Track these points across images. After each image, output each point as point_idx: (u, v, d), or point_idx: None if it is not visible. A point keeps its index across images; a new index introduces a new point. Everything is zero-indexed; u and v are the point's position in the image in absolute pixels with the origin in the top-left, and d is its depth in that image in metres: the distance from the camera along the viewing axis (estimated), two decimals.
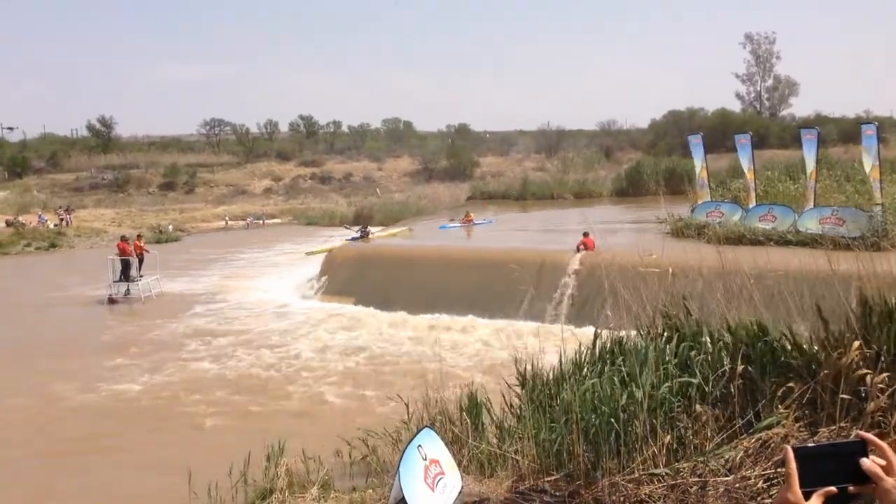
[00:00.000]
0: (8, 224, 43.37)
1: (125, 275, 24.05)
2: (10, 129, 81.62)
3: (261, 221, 51.38)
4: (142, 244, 26.02)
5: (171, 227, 46.14)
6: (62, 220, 45.21)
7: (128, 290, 23.83)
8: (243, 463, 7.97)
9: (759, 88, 72.77)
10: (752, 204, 20.53)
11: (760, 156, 26.95)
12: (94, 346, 17.59)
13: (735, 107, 71.01)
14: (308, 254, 25.59)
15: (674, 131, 61.73)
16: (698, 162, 23.18)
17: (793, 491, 1.47)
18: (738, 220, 19.72)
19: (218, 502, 8.30)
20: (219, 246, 37.39)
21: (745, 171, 21.37)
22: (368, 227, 27.32)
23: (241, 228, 49.30)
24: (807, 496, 1.47)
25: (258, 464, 7.77)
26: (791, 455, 1.50)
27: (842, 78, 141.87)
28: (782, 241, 17.56)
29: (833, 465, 1.49)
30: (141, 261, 25.03)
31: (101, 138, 79.16)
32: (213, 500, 8.36)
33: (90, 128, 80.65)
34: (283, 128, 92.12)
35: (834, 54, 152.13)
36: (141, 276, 24.54)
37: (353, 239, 25.52)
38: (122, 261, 24.11)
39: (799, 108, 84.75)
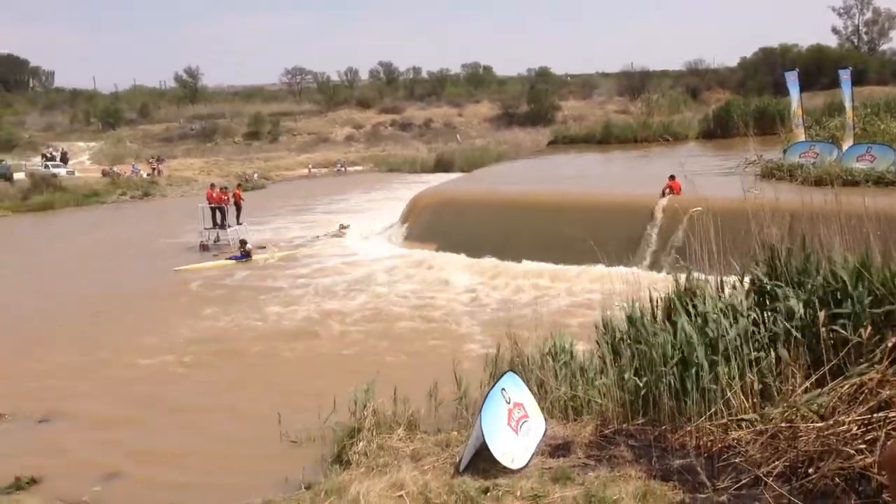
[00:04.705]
0: (104, 174, 45.13)
1: (216, 222, 24.78)
2: None
3: (343, 169, 52.02)
4: (240, 192, 26.78)
5: (255, 175, 47.12)
6: (154, 169, 46.70)
7: (217, 237, 24.55)
8: (332, 404, 8.18)
9: (857, 22, 69.01)
10: (850, 143, 19.60)
11: (859, 93, 25.54)
12: (182, 290, 18.26)
13: (831, 42, 67.53)
14: (177, 270, 20.52)
15: (765, 69, 59.26)
16: (794, 100, 22.21)
17: None
18: (833, 161, 18.87)
19: (308, 441, 8.62)
20: (303, 194, 38.05)
21: (847, 108, 20.36)
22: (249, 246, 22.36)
23: (324, 175, 50.02)
24: None
25: (347, 405, 7.98)
26: None
27: None
28: (882, 181, 16.76)
29: None
30: (239, 209, 25.76)
31: (188, 89, 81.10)
32: (305, 438, 8.69)
33: (177, 79, 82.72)
34: (364, 75, 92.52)
35: None
36: (240, 223, 25.30)
37: (236, 257, 21.68)
38: (213, 208, 24.81)
39: None
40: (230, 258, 21.80)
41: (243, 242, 22.48)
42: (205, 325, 15.02)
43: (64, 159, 50.38)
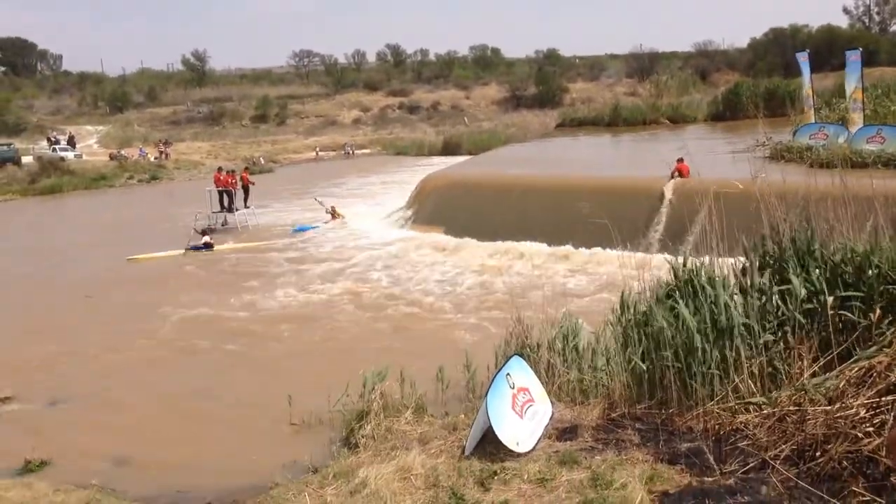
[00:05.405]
0: (111, 157, 45.25)
1: (223, 205, 24.82)
2: None
3: (351, 152, 51.97)
4: (248, 175, 26.83)
5: (262, 158, 47.08)
6: (162, 153, 46.74)
7: (225, 220, 24.60)
8: (343, 388, 8.18)
9: (868, 2, 68.37)
10: (860, 125, 19.43)
11: (869, 74, 25.32)
12: (177, 273, 18.32)
13: (842, 22, 67.00)
14: (130, 259, 20.00)
15: (775, 50, 58.82)
16: (806, 81, 22.05)
17: None
18: (843, 143, 18.73)
19: (317, 423, 8.65)
20: (310, 178, 37.97)
21: (852, 89, 20.18)
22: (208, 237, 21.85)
23: (332, 159, 50.01)
24: None
25: (355, 389, 7.99)
26: None
27: None
28: (892, 163, 16.64)
29: None
30: (247, 192, 25.81)
31: (196, 72, 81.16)
32: (312, 422, 8.72)
33: (185, 62, 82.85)
34: (371, 57, 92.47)
35: None
36: (247, 207, 25.38)
37: (196, 248, 21.08)
38: (221, 192, 24.86)
39: None
40: (190, 248, 21.08)
41: (204, 233, 22.19)
42: (202, 310, 14.99)
43: (71, 143, 50.47)
